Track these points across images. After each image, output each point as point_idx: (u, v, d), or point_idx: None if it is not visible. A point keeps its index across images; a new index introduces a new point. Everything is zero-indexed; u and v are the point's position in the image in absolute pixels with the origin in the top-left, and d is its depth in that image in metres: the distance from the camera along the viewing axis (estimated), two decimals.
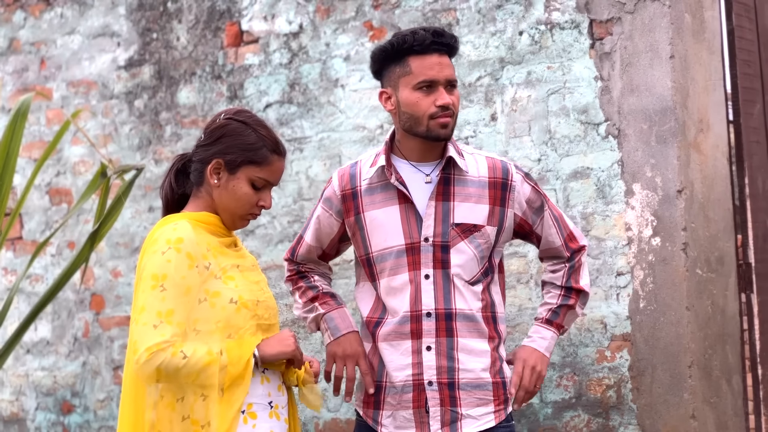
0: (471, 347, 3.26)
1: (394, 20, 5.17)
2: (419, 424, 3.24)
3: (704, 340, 4.56)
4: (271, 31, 5.54)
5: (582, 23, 4.73)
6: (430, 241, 3.25)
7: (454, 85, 3.27)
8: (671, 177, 4.51)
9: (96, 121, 6.06)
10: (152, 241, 2.90)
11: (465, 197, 3.28)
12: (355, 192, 3.33)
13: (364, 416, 3.34)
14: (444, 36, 3.25)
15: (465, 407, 3.24)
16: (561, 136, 4.76)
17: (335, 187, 3.36)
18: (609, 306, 4.62)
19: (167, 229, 2.90)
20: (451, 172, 3.29)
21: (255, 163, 2.99)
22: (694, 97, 4.62)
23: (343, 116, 5.30)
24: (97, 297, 6.02)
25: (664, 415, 4.50)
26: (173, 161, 3.10)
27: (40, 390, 6.20)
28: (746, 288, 4.83)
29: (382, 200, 3.29)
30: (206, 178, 3.00)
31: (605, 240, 4.63)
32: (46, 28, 6.28)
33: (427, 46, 3.22)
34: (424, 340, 3.24)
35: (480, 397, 3.26)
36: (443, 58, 3.25)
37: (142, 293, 2.85)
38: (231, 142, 2.98)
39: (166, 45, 5.88)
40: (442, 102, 3.22)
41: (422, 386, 3.24)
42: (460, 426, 3.23)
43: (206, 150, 3.00)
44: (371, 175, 3.32)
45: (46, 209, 6.22)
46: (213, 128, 3.01)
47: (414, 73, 3.24)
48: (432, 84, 3.23)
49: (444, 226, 3.25)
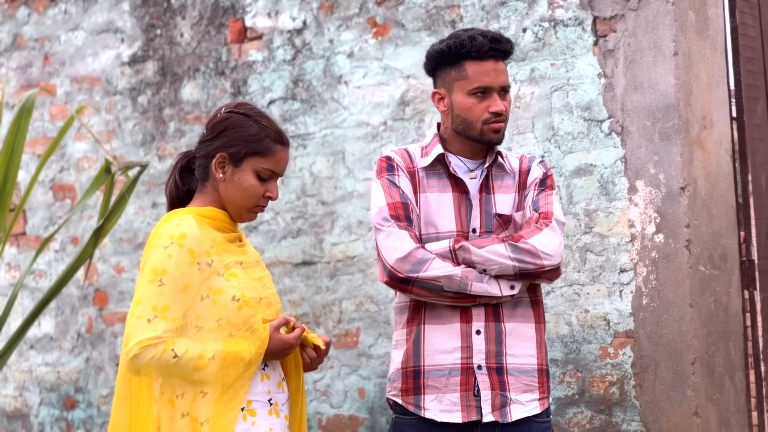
0: (518, 332, 3.29)
1: (398, 17, 5.17)
2: (465, 408, 3.24)
3: (707, 337, 4.57)
4: (275, 27, 5.55)
5: (585, 20, 4.73)
6: (477, 232, 3.30)
7: (507, 91, 3.32)
8: (674, 174, 4.51)
9: (100, 117, 6.07)
10: (156, 236, 2.90)
11: (505, 189, 3.35)
12: (415, 171, 3.35)
13: (404, 403, 3.30)
14: (501, 42, 3.29)
15: (513, 392, 3.26)
16: (564, 132, 4.76)
17: (399, 163, 3.35)
18: (612, 303, 4.62)
19: (171, 224, 2.90)
20: (491, 169, 3.36)
21: (259, 154, 2.98)
22: (697, 94, 4.63)
23: (346, 113, 5.30)
24: (100, 293, 6.03)
25: (666, 411, 4.51)
26: (177, 159, 3.10)
27: (44, 385, 6.21)
28: (749, 285, 4.83)
29: (437, 186, 3.34)
30: (211, 173, 3.00)
31: (608, 237, 4.64)
32: (50, 24, 6.28)
33: (485, 53, 3.27)
34: (474, 324, 3.25)
35: (527, 383, 3.28)
36: (499, 64, 3.30)
37: (140, 286, 2.85)
38: (234, 135, 2.98)
39: (169, 41, 5.88)
40: (496, 109, 3.28)
41: (471, 369, 3.24)
42: (509, 410, 3.24)
43: (209, 145, 3.00)
44: (427, 163, 3.34)
45: (49, 205, 6.23)
46: (215, 123, 3.01)
47: (470, 79, 3.28)
48: (487, 90, 3.28)
49: (487, 217, 3.31)
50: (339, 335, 5.24)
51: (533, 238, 3.24)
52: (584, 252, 4.68)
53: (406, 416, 3.31)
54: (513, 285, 3.25)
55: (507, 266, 3.22)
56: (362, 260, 5.21)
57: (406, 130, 5.11)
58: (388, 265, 3.22)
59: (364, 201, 5.20)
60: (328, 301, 5.30)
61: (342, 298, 5.26)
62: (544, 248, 3.24)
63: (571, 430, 4.69)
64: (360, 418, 5.20)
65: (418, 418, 3.28)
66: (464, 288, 3.21)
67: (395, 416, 3.36)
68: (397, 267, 3.20)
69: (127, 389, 2.90)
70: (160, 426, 2.86)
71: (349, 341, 5.22)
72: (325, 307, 5.31)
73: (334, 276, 5.27)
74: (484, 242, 3.24)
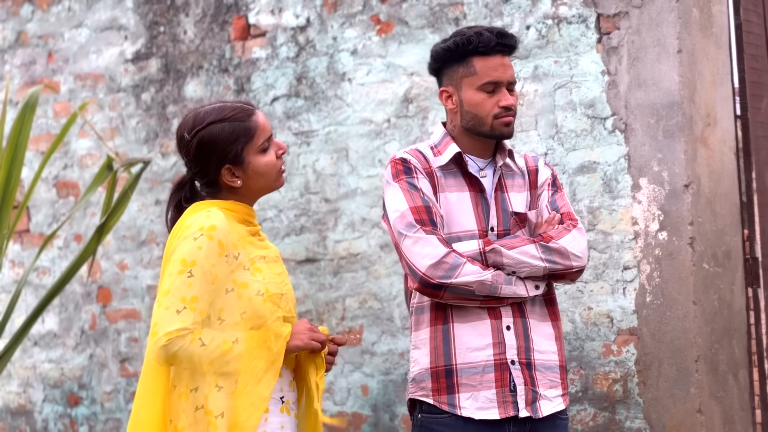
0: (540, 329, 3.31)
1: (402, 14, 5.17)
2: (502, 404, 3.23)
3: (711, 335, 4.56)
4: (279, 24, 5.54)
5: (589, 18, 4.73)
6: (495, 230, 3.30)
7: (514, 85, 3.34)
8: (678, 171, 4.51)
9: (103, 114, 6.07)
10: (184, 227, 2.89)
11: (517, 188, 3.37)
12: (432, 171, 3.35)
13: (436, 403, 3.28)
14: (507, 37, 3.31)
15: (542, 387, 3.27)
16: (568, 130, 4.76)
17: (416, 164, 3.33)
18: (615, 300, 4.62)
19: (200, 215, 2.90)
20: (502, 167, 3.37)
21: (250, 139, 2.98)
22: (701, 91, 4.62)
23: (350, 110, 5.30)
24: (104, 290, 6.04)
25: (670, 409, 4.50)
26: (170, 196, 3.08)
27: (48, 382, 6.21)
28: (753, 283, 4.82)
29: (455, 185, 3.34)
30: (224, 185, 3.00)
31: (612, 234, 4.64)
32: (54, 22, 6.28)
33: (492, 48, 3.28)
34: (504, 320, 3.26)
35: (551, 378, 3.29)
36: (505, 59, 3.32)
37: (168, 276, 2.85)
38: (219, 147, 2.96)
39: (173, 38, 5.88)
40: (506, 103, 3.29)
41: (505, 365, 3.24)
42: (539, 406, 3.25)
43: (202, 171, 2.99)
44: (444, 162, 3.34)
45: (53, 202, 6.23)
46: (192, 150, 2.97)
47: (479, 74, 3.29)
48: (496, 85, 3.29)
49: (504, 215, 3.32)
50: (342, 332, 5.24)
51: (564, 238, 3.27)
52: (588, 249, 4.67)
53: (438, 415, 3.28)
54: (538, 285, 3.27)
55: (538, 267, 3.24)
56: (365, 257, 5.21)
57: (409, 127, 5.11)
58: (420, 272, 3.20)
59: (367, 198, 5.20)
60: (331, 299, 5.30)
61: (345, 295, 5.26)
62: (573, 249, 3.27)
63: (575, 427, 4.69)
64: (363, 416, 5.21)
65: (451, 416, 3.26)
66: (495, 291, 3.22)
67: (422, 416, 3.32)
68: (429, 274, 3.19)
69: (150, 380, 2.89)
70: (171, 419, 2.86)
71: (352, 338, 5.22)
72: (328, 304, 5.31)
73: (337, 273, 5.27)
74: (514, 243, 3.25)
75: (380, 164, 5.18)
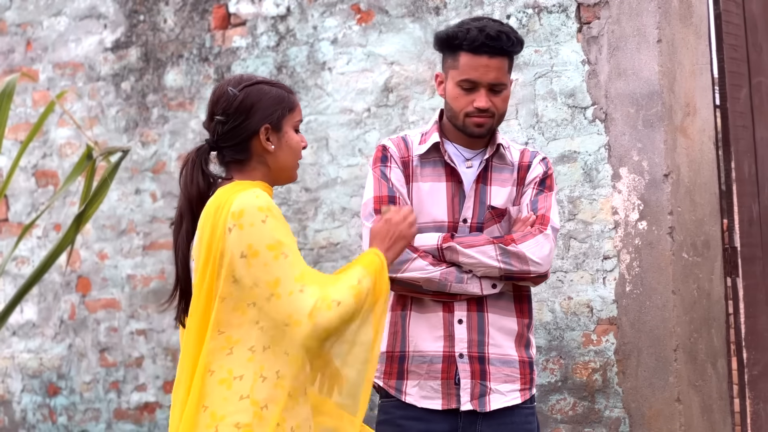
0: (501, 323, 3.29)
1: (382, 3, 5.16)
2: (446, 395, 3.25)
3: (690, 324, 4.58)
4: (259, 13, 5.53)
5: (569, 7, 4.73)
6: (468, 222, 3.29)
7: (501, 87, 3.27)
8: (658, 161, 4.52)
9: (82, 103, 6.05)
10: (236, 213, 2.78)
11: (501, 182, 3.33)
12: (409, 161, 3.35)
13: (386, 386, 3.32)
14: (499, 40, 3.22)
15: (494, 382, 3.26)
16: (548, 119, 4.76)
17: (394, 153, 3.35)
18: (595, 290, 4.63)
19: (248, 197, 2.80)
20: (491, 161, 3.34)
21: (290, 110, 2.95)
22: (680, 81, 4.63)
23: (330, 99, 5.29)
24: (83, 279, 6.02)
25: (649, 398, 4.52)
26: (191, 159, 2.95)
27: (26, 372, 6.19)
28: (732, 272, 4.84)
29: (431, 175, 3.32)
30: (254, 150, 2.92)
31: (592, 224, 4.64)
32: (33, 10, 6.25)
33: (477, 47, 3.22)
34: (456, 313, 3.26)
35: (507, 373, 3.28)
36: (493, 61, 3.23)
37: (265, 266, 2.75)
38: (264, 104, 2.91)
39: (153, 27, 5.86)
40: (478, 104, 3.24)
41: (453, 358, 3.25)
42: (488, 400, 3.25)
43: (242, 125, 2.90)
44: (423, 151, 3.33)
45: (32, 191, 6.21)
46: (235, 103, 2.90)
47: (460, 70, 3.25)
48: (474, 84, 3.25)
49: (481, 207, 3.30)
50: None
51: (525, 243, 3.23)
52: (568, 239, 4.68)
53: (388, 399, 3.33)
54: (495, 284, 3.26)
55: (493, 268, 3.22)
56: (345, 247, 5.20)
57: (389, 116, 5.10)
58: None
59: (347, 188, 5.19)
60: None
61: None
62: (533, 255, 3.23)
63: (554, 416, 4.70)
64: None
65: (398, 401, 3.29)
66: (443, 289, 3.23)
67: (381, 401, 3.36)
68: None
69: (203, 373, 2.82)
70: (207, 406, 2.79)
71: None
72: None
73: (317, 263, 5.27)
74: (473, 242, 3.23)
75: (360, 154, 5.17)
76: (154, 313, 5.78)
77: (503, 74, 3.26)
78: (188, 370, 2.82)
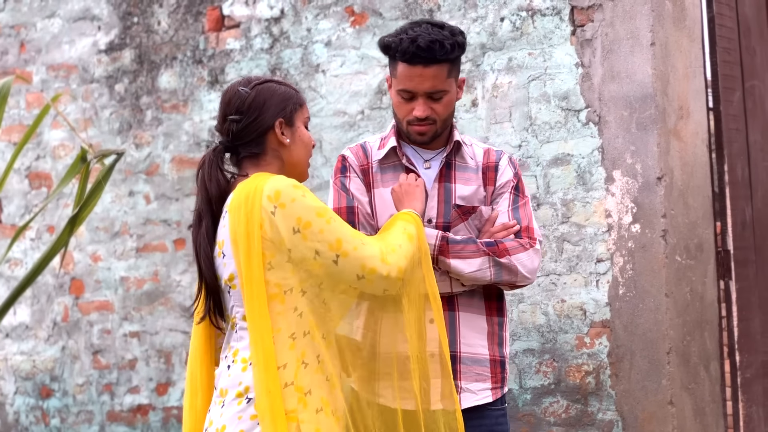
0: (472, 322, 3.30)
1: (376, 5, 5.16)
2: None
3: (683, 327, 4.58)
4: (253, 15, 5.53)
5: (563, 10, 4.73)
6: (433, 222, 3.30)
7: (441, 93, 3.26)
8: (651, 164, 4.52)
9: (76, 105, 6.04)
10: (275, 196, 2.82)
11: (465, 180, 3.34)
12: (369, 168, 3.37)
13: None
14: (430, 51, 3.20)
15: (465, 381, 3.27)
16: (542, 122, 4.76)
17: (353, 162, 3.37)
18: (588, 292, 4.63)
19: (278, 180, 2.86)
20: (453, 159, 3.35)
21: (300, 106, 3.03)
22: (674, 84, 4.64)
23: (324, 101, 5.29)
24: (76, 281, 6.01)
25: (642, 401, 4.52)
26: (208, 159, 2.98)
27: (19, 374, 6.18)
28: (725, 275, 4.85)
29: (392, 179, 3.34)
30: (270, 144, 2.98)
31: (585, 227, 4.65)
32: (26, 11, 6.25)
33: (410, 59, 3.22)
34: (427, 313, 3.25)
35: (479, 372, 3.29)
36: (428, 70, 3.22)
37: (321, 233, 2.82)
38: (277, 100, 2.98)
39: (147, 29, 5.86)
40: (417, 114, 3.25)
41: None
42: (459, 399, 3.24)
43: (257, 120, 2.96)
44: (381, 156, 3.35)
45: (25, 193, 6.20)
46: (248, 101, 2.97)
47: (398, 79, 3.26)
48: (412, 94, 3.26)
49: (446, 207, 3.31)
50: None
51: (517, 256, 3.26)
52: (561, 242, 4.69)
53: None
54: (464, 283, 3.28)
55: (483, 280, 3.25)
56: None
57: (383, 119, 5.11)
58: None
59: None
60: None
61: None
62: (524, 269, 3.26)
63: (547, 419, 4.70)
64: None
65: None
66: None
67: None
68: None
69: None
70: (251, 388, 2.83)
71: None
72: None
73: None
74: (466, 251, 3.24)
75: None
76: (148, 315, 5.78)
77: (441, 81, 3.25)
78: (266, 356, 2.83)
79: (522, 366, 4.76)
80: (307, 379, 2.82)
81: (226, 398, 2.86)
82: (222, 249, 2.90)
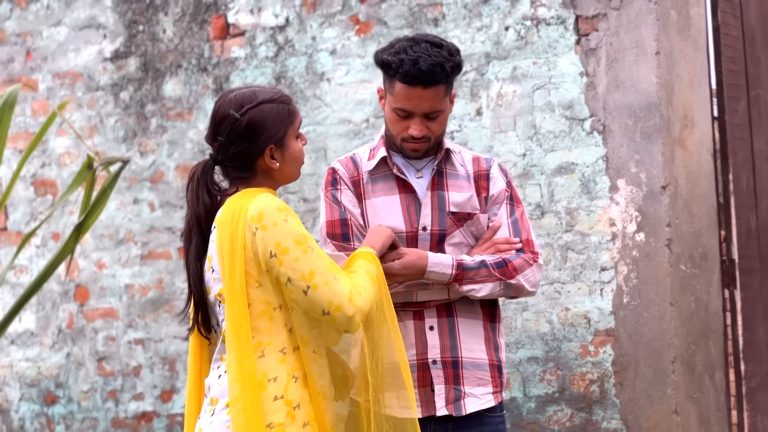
0: (470, 328, 3.31)
1: (381, 14, 5.17)
2: (425, 403, 3.26)
3: (687, 336, 4.58)
4: (258, 24, 5.54)
5: (568, 19, 4.74)
6: (428, 230, 3.30)
7: (437, 113, 3.27)
8: (656, 173, 4.52)
9: (82, 112, 6.05)
10: (258, 217, 2.84)
11: (458, 188, 3.34)
12: (359, 180, 3.37)
13: None
14: (431, 74, 3.20)
15: (468, 386, 3.28)
16: (546, 131, 4.77)
17: (343, 174, 3.37)
18: (593, 301, 4.63)
19: (263, 201, 2.87)
20: (444, 167, 3.35)
21: (291, 122, 3.00)
22: (679, 93, 4.64)
23: (328, 110, 5.30)
24: (81, 288, 6.02)
25: (647, 410, 4.52)
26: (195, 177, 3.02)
27: (24, 381, 6.19)
28: (729, 284, 4.85)
29: (383, 189, 3.34)
30: (260, 167, 2.98)
31: (589, 235, 4.65)
32: (32, 20, 6.26)
33: (410, 81, 3.21)
34: (427, 320, 3.28)
35: (480, 377, 3.30)
36: (428, 91, 3.22)
37: (297, 261, 2.84)
38: (268, 126, 2.96)
39: (152, 37, 5.87)
40: (413, 133, 3.26)
41: (427, 365, 3.26)
42: (463, 404, 3.26)
43: (247, 149, 2.96)
44: (372, 167, 3.35)
45: (31, 200, 6.21)
46: (239, 129, 2.95)
47: (395, 97, 3.25)
48: (408, 113, 3.26)
49: (440, 214, 3.31)
50: None
51: (523, 274, 3.28)
52: (565, 250, 4.69)
53: None
54: None
55: (493, 296, 3.29)
56: None
57: None
58: None
59: None
60: None
61: None
62: (528, 284, 3.30)
63: (551, 427, 4.70)
64: None
65: None
66: (410, 298, 3.28)
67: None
68: None
69: None
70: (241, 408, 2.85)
71: None
72: None
73: None
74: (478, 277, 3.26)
75: None
76: (153, 322, 5.78)
77: (439, 102, 3.25)
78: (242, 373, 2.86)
79: (526, 374, 4.76)
80: (297, 393, 2.85)
81: (217, 407, 2.88)
82: (211, 264, 2.93)
